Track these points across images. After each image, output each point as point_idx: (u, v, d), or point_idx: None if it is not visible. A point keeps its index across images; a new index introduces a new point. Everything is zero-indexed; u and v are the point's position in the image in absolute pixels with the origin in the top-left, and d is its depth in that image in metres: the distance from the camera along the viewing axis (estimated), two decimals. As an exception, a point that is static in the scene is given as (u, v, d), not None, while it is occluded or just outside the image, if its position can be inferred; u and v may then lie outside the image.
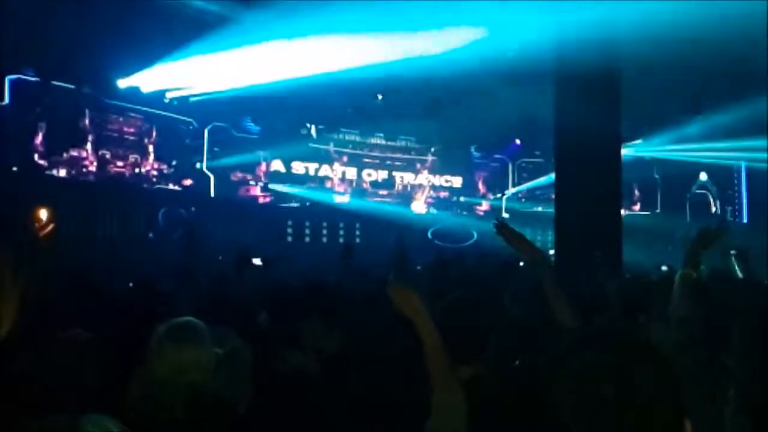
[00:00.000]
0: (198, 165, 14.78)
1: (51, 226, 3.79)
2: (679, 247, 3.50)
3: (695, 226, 3.28)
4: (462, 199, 19.26)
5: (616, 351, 1.33)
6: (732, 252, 3.85)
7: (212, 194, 14.77)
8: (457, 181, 19.49)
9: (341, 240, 15.16)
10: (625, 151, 14.27)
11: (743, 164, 20.55)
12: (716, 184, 20.77)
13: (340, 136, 18.02)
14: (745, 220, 20.89)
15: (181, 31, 12.08)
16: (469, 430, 2.08)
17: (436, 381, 2.18)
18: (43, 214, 6.54)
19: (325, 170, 17.63)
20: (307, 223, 15.12)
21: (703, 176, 20.50)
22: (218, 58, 12.87)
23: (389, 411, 2.23)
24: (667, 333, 2.75)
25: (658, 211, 19.87)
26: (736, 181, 21.02)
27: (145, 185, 13.92)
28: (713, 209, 20.81)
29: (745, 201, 20.93)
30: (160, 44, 12.34)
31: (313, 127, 17.32)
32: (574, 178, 7.32)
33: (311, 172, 17.38)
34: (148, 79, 13.38)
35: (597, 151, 7.22)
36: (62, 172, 12.38)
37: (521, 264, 5.92)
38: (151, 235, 12.29)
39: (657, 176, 19.59)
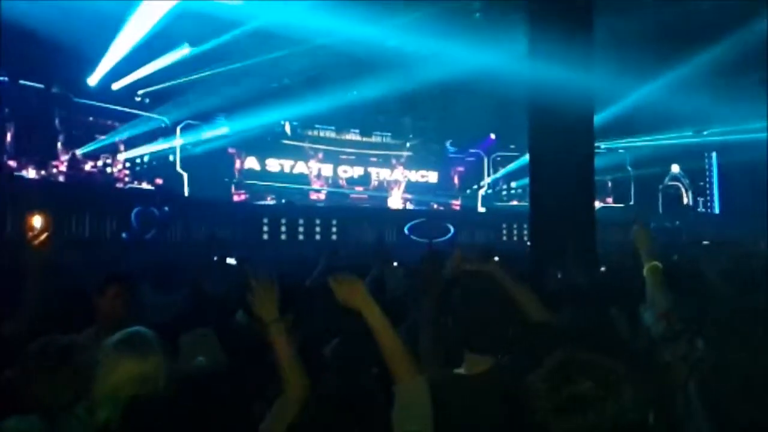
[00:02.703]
0: (171, 162, 14.60)
1: (45, 234, 3.72)
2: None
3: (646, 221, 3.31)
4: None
5: (591, 346, 1.33)
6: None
7: (186, 193, 14.61)
8: (432, 176, 19.52)
9: (318, 237, 15.07)
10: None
11: (714, 156, 20.87)
12: (688, 176, 21.05)
13: (315, 132, 17.95)
14: (717, 211, 21.23)
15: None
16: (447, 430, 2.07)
17: (394, 368, 2.15)
18: (37, 221, 6.37)
19: (300, 167, 17.55)
20: (283, 221, 15.01)
21: (675, 168, 20.76)
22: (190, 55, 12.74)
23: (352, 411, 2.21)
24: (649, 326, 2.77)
25: (631, 203, 20.08)
26: (707, 173, 21.32)
27: (117, 185, 13.72)
28: (685, 201, 21.09)
29: (716, 192, 21.25)
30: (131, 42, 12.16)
31: (287, 123, 17.22)
32: (548, 173, 7.36)
33: (286, 169, 17.29)
34: (118, 77, 13.19)
35: (571, 144, 7.25)
36: (32, 173, 12.15)
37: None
38: (124, 235, 12.11)
39: (630, 169, 19.79)
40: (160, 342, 2.52)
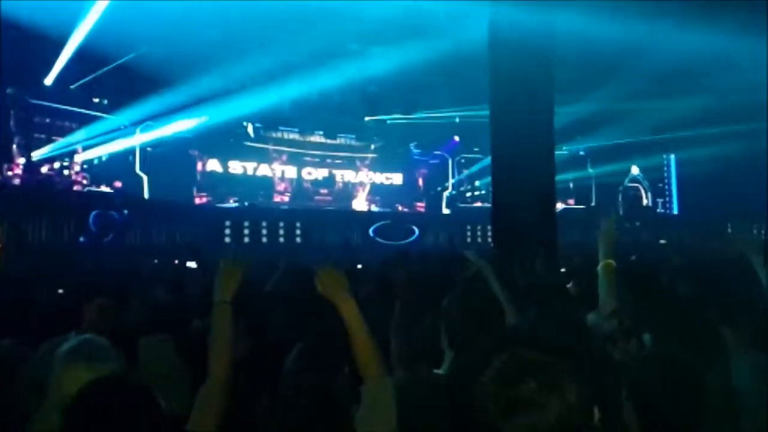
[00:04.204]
0: (131, 164, 14.34)
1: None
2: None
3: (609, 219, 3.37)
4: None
5: (535, 347, 1.34)
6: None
7: (146, 196, 14.36)
8: (397, 178, 19.54)
9: (281, 240, 14.97)
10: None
11: (673, 157, 21.32)
12: (647, 178, 21.46)
13: (279, 134, 17.81)
14: (675, 212, 21.68)
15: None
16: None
17: (364, 367, 2.15)
18: None
19: (263, 169, 17.40)
20: (246, 224, 14.86)
21: (635, 170, 21.14)
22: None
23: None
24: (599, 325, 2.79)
25: (593, 204, 20.38)
26: (666, 174, 21.76)
27: (74, 188, 13.43)
28: (645, 202, 21.49)
29: (675, 193, 21.70)
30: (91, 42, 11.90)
31: (250, 125, 17.06)
32: (510, 174, 7.39)
33: (249, 172, 17.12)
34: (76, 78, 12.91)
35: (532, 146, 7.31)
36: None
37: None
38: (82, 239, 11.86)
39: (591, 170, 20.10)
40: (114, 349, 2.47)
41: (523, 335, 1.47)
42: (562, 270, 5.66)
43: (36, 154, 12.94)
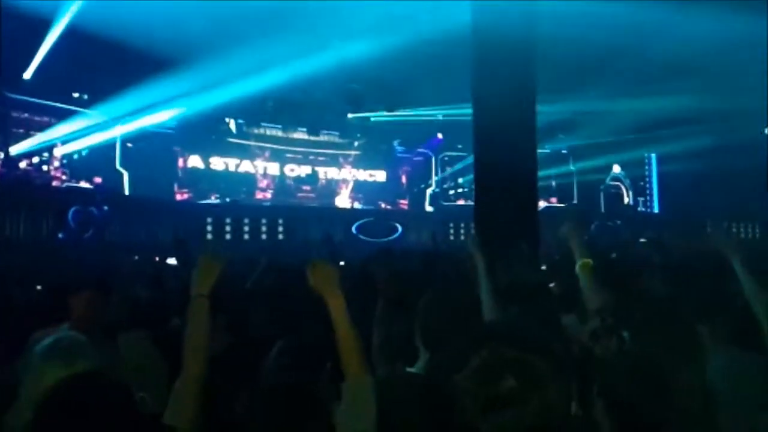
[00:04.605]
0: (111, 160, 14.19)
1: None
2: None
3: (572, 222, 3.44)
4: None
5: (515, 345, 1.34)
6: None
7: (126, 192, 14.22)
8: (380, 176, 19.52)
9: (264, 237, 14.90)
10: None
11: (654, 157, 21.52)
12: (629, 176, 21.63)
13: (262, 130, 17.72)
14: (656, 210, 21.89)
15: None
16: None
17: (347, 363, 2.15)
18: None
19: (246, 166, 17.30)
20: (228, 220, 14.77)
21: (616, 168, 21.30)
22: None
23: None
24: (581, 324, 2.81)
25: (575, 202, 20.52)
26: (647, 173, 21.95)
27: (54, 183, 13.27)
28: (626, 200, 21.67)
29: (656, 192, 21.90)
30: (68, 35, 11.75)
31: (232, 121, 16.94)
32: (492, 173, 7.42)
33: (231, 168, 17.01)
34: (56, 72, 12.72)
35: (514, 144, 7.34)
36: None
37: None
38: (60, 235, 11.72)
39: (573, 169, 20.22)
40: (92, 347, 2.46)
41: (502, 332, 1.46)
42: (543, 268, 5.69)
43: (14, 150, 12.77)
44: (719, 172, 17.88)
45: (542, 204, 17.95)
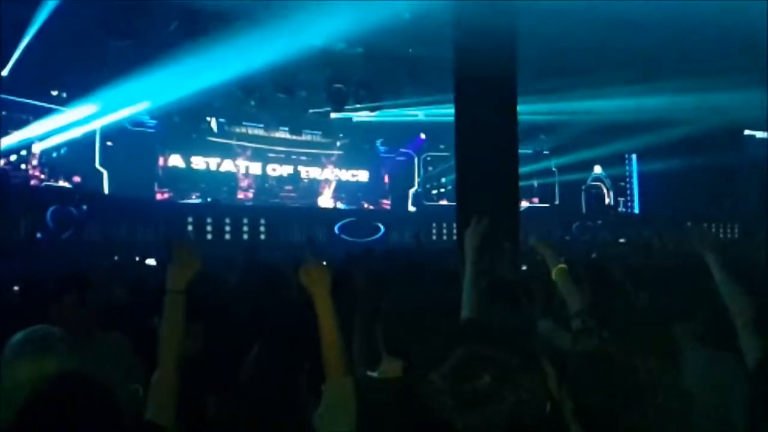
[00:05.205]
0: (90, 159, 14.04)
1: None
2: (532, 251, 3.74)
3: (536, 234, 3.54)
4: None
5: (489, 343, 1.36)
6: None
7: (106, 191, 14.08)
8: (363, 175, 19.50)
9: (245, 237, 14.84)
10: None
11: (634, 158, 21.70)
12: (609, 177, 21.79)
13: (243, 129, 17.62)
14: (636, 211, 22.08)
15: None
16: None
17: (330, 364, 2.15)
18: None
19: (227, 165, 17.19)
20: (209, 220, 14.68)
21: (597, 169, 21.45)
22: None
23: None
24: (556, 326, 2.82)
25: (557, 203, 20.65)
26: (628, 174, 22.13)
27: (32, 182, 13.11)
28: (607, 201, 21.83)
29: (636, 192, 22.09)
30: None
31: (213, 120, 16.83)
32: (474, 173, 7.46)
33: (212, 168, 16.90)
34: (33, 69, 12.56)
35: (496, 145, 7.38)
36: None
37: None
38: (39, 235, 11.59)
39: (555, 169, 20.34)
40: (67, 341, 2.42)
41: (477, 330, 1.47)
42: (524, 268, 5.72)
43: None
44: (700, 173, 18.08)
45: (524, 204, 18.06)
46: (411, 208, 19.43)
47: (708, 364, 2.55)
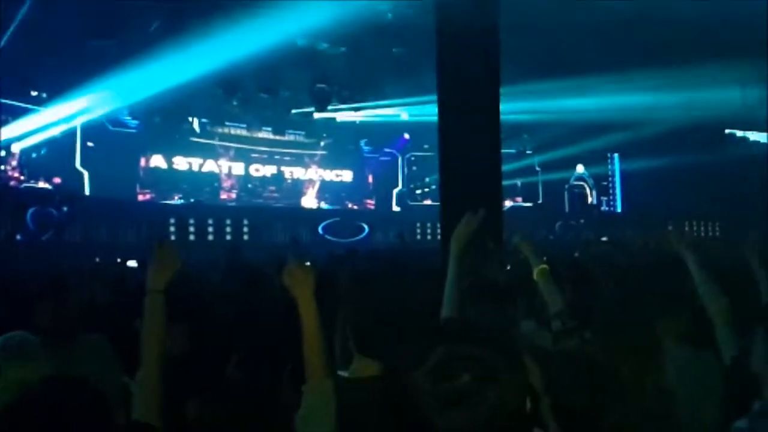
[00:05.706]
0: (71, 160, 13.89)
1: None
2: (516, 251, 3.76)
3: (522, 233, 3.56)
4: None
5: (470, 342, 1.36)
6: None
7: (87, 192, 13.94)
8: (347, 175, 19.47)
9: (228, 238, 14.77)
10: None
11: (617, 157, 21.85)
12: (592, 176, 21.93)
13: (226, 129, 17.51)
14: (619, 210, 22.24)
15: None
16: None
17: (311, 365, 2.14)
18: None
19: (210, 165, 17.07)
20: (192, 221, 14.59)
21: (580, 168, 21.57)
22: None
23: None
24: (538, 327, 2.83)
25: (540, 202, 20.74)
26: (610, 173, 22.28)
27: (11, 183, 12.96)
28: (590, 200, 21.96)
29: (619, 192, 22.25)
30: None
31: (195, 120, 16.71)
32: (457, 172, 7.48)
33: (195, 168, 16.78)
34: (13, 67, 12.40)
35: (479, 144, 7.41)
36: None
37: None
38: (19, 237, 11.46)
39: (538, 169, 20.44)
40: (45, 347, 2.44)
41: (458, 329, 1.48)
42: (508, 267, 5.74)
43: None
44: (682, 172, 18.23)
45: (508, 203, 18.14)
46: (395, 208, 19.44)
47: (690, 362, 2.57)
